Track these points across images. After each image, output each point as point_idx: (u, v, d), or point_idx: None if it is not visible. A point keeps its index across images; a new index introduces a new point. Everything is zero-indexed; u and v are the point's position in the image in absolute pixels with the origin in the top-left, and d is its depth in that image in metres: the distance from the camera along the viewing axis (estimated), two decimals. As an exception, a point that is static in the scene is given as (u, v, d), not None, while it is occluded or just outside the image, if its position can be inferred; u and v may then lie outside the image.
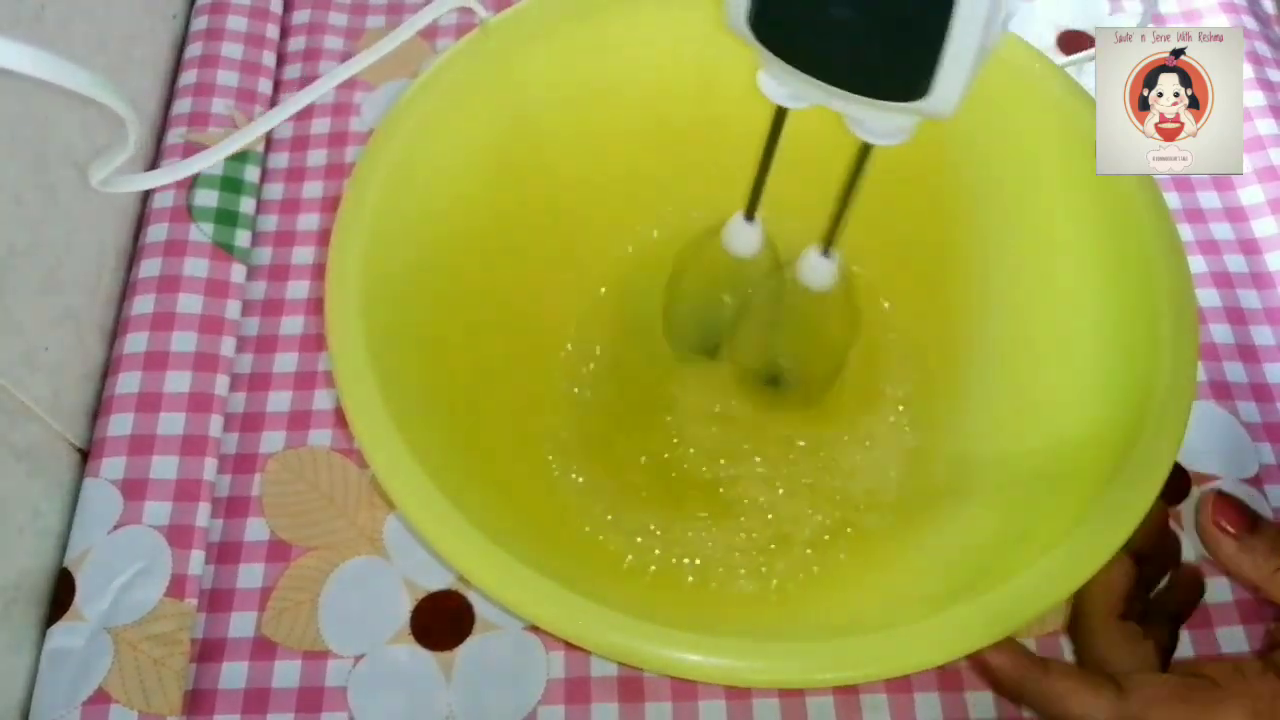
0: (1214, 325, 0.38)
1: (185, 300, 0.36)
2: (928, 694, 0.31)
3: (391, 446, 0.26)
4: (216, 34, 0.43)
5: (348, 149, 0.41)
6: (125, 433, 0.34)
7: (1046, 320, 0.32)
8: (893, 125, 0.25)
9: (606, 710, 0.31)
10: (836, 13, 0.21)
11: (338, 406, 0.36)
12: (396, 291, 0.29)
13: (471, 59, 0.32)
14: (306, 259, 0.39)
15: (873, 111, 0.24)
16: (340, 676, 0.31)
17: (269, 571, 0.33)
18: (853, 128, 0.25)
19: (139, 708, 0.30)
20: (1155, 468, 0.25)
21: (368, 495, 0.34)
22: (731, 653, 0.24)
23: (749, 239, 0.31)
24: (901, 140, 0.25)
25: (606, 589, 0.27)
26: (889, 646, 0.24)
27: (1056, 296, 0.31)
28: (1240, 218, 0.40)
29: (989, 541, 0.28)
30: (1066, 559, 0.24)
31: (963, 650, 0.24)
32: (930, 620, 0.24)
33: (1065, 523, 0.25)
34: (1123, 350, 0.28)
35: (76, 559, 0.32)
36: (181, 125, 0.40)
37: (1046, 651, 0.32)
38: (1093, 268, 0.30)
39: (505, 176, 0.34)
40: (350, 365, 0.27)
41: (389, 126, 0.30)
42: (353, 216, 0.29)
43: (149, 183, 0.33)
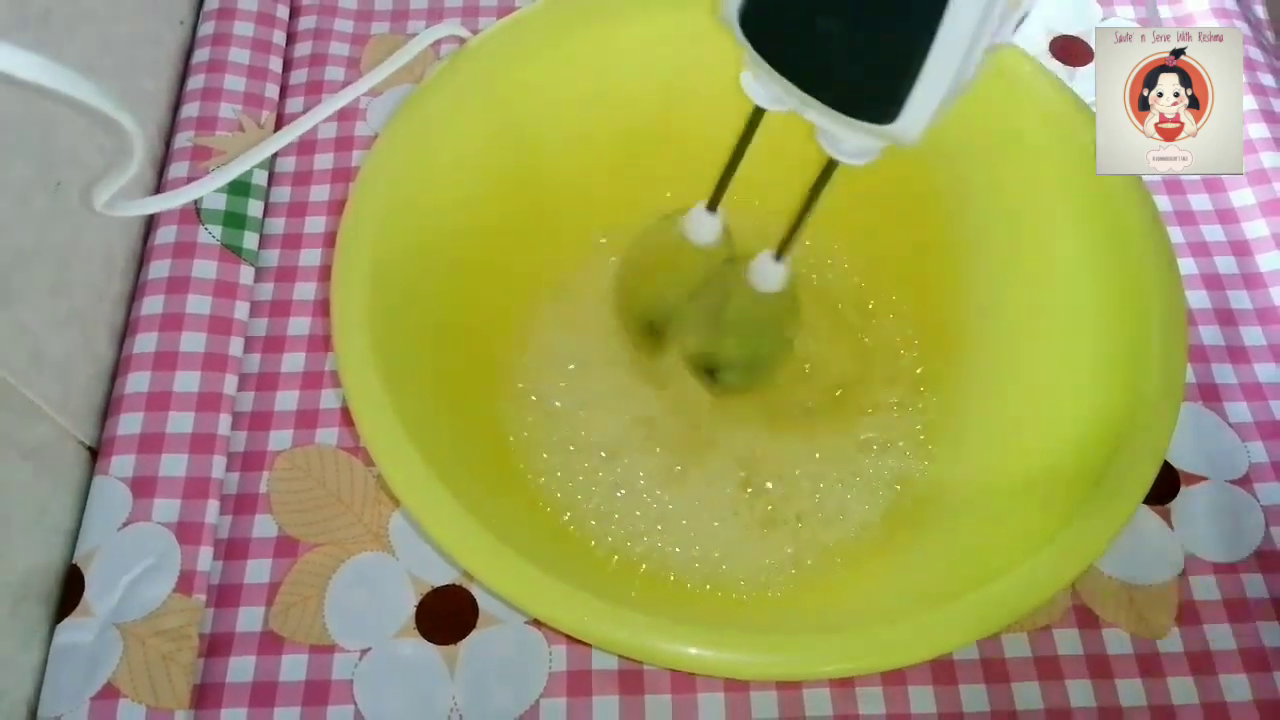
0: (1204, 327, 0.38)
1: (194, 301, 0.37)
2: (922, 687, 0.32)
3: (397, 446, 0.26)
4: (223, 39, 0.43)
5: (354, 153, 0.42)
6: (135, 431, 0.35)
7: (1035, 324, 0.32)
8: (859, 145, 0.25)
9: (607, 702, 0.31)
10: (823, 24, 0.22)
11: (344, 405, 0.36)
12: (400, 293, 0.30)
13: (463, 72, 0.33)
14: (314, 261, 0.40)
15: (842, 128, 0.25)
16: (346, 670, 0.32)
17: (276, 567, 0.34)
18: (822, 141, 0.26)
19: (147, 702, 0.31)
20: (1141, 470, 0.26)
21: (374, 492, 0.35)
22: (732, 646, 0.24)
23: (709, 227, 0.32)
24: (865, 162, 0.25)
25: (603, 585, 0.27)
26: (887, 639, 0.24)
27: (1046, 302, 0.32)
28: (1231, 219, 0.41)
29: (980, 542, 0.29)
30: (1055, 557, 0.25)
31: (957, 644, 0.24)
32: (924, 614, 0.25)
33: (1054, 523, 0.26)
34: (1112, 355, 0.29)
35: (86, 555, 0.33)
36: (189, 129, 0.41)
37: (1039, 646, 0.32)
38: (1083, 271, 0.31)
39: (503, 180, 0.35)
40: (355, 365, 0.27)
41: (390, 135, 0.31)
42: (357, 221, 0.30)
43: (152, 207, 0.33)
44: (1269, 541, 0.34)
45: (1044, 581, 0.25)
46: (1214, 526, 0.34)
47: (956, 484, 0.33)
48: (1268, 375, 0.37)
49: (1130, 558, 0.34)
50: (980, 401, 0.34)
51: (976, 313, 0.35)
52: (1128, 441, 0.26)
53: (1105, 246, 0.30)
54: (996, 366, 0.34)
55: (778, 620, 0.32)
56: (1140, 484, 0.26)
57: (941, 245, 0.36)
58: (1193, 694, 0.32)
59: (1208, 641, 0.32)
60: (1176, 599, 0.33)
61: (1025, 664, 0.32)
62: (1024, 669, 0.32)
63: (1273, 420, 0.36)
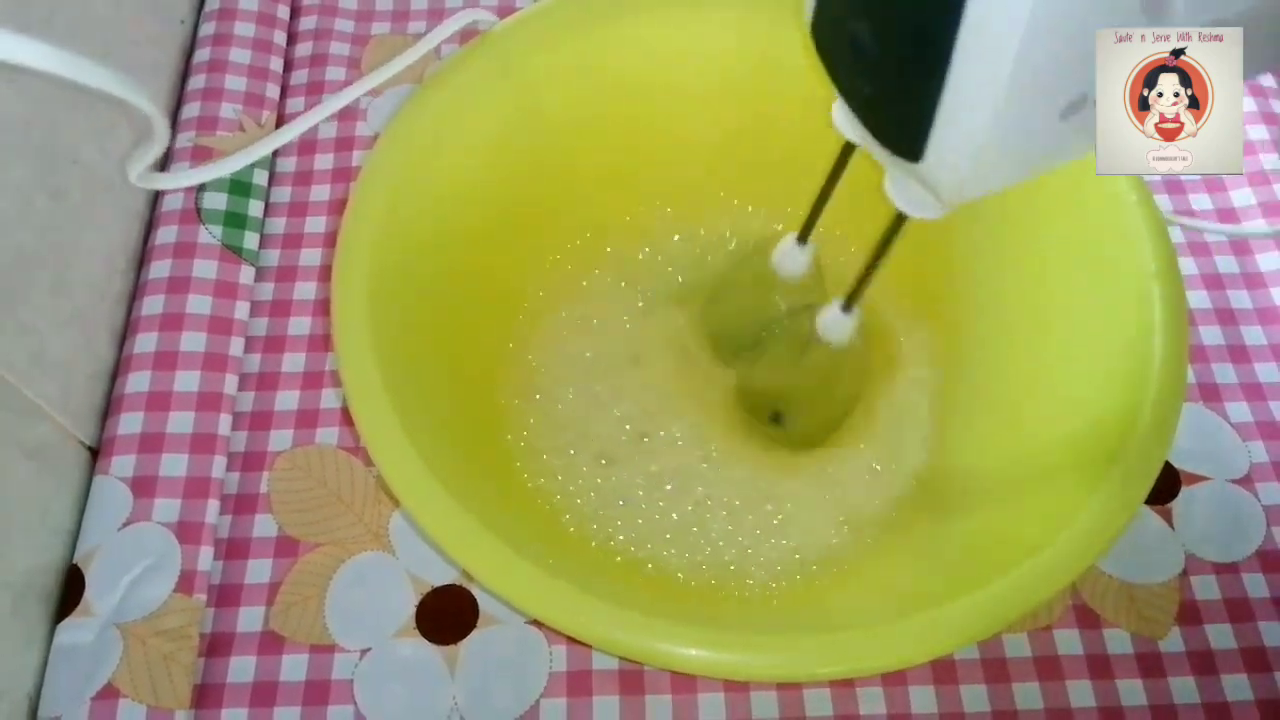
0: (1204, 328, 0.38)
1: (194, 301, 0.37)
2: (923, 687, 0.32)
3: (397, 446, 0.26)
4: (224, 40, 0.43)
5: (354, 153, 0.42)
6: (135, 431, 0.35)
7: (1035, 327, 0.32)
8: (920, 196, 0.23)
9: (608, 702, 0.31)
10: (854, 26, 0.19)
11: (344, 405, 0.36)
12: (401, 293, 0.30)
13: (472, 67, 0.33)
14: (314, 261, 0.40)
15: (903, 173, 0.22)
16: (346, 670, 0.32)
17: (277, 567, 0.34)
18: (889, 187, 0.24)
19: (148, 702, 0.31)
20: (1142, 473, 0.26)
21: (374, 492, 0.35)
22: (734, 647, 0.24)
23: (797, 260, 0.32)
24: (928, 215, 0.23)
25: (603, 585, 0.27)
26: (891, 641, 0.24)
27: (1050, 305, 0.32)
28: (1231, 219, 0.41)
29: (982, 544, 0.29)
30: (1055, 558, 0.25)
31: (957, 645, 0.25)
32: (924, 614, 0.25)
33: (1054, 524, 0.26)
34: (1114, 360, 0.29)
35: (86, 555, 0.33)
36: (190, 129, 0.41)
37: (1040, 646, 0.32)
38: (1084, 272, 0.31)
39: (509, 178, 0.35)
40: (356, 366, 0.27)
41: (392, 134, 0.31)
42: (358, 219, 0.30)
43: (184, 181, 0.34)
44: (1270, 541, 0.34)
45: (1046, 581, 0.25)
46: (1215, 526, 0.34)
47: (961, 490, 0.33)
48: (1268, 375, 0.37)
49: (1131, 558, 0.34)
50: (987, 410, 0.34)
51: (983, 315, 0.35)
52: (1129, 444, 0.26)
53: (1110, 252, 0.30)
54: (998, 370, 0.34)
55: (778, 620, 0.32)
56: (1140, 488, 0.26)
57: (942, 245, 0.36)
58: (1194, 694, 0.32)
59: (1209, 641, 0.32)
60: (1177, 599, 0.33)
61: (1026, 664, 0.32)
62: (1025, 669, 0.32)
63: (1273, 420, 0.36)
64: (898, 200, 0.24)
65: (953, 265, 0.36)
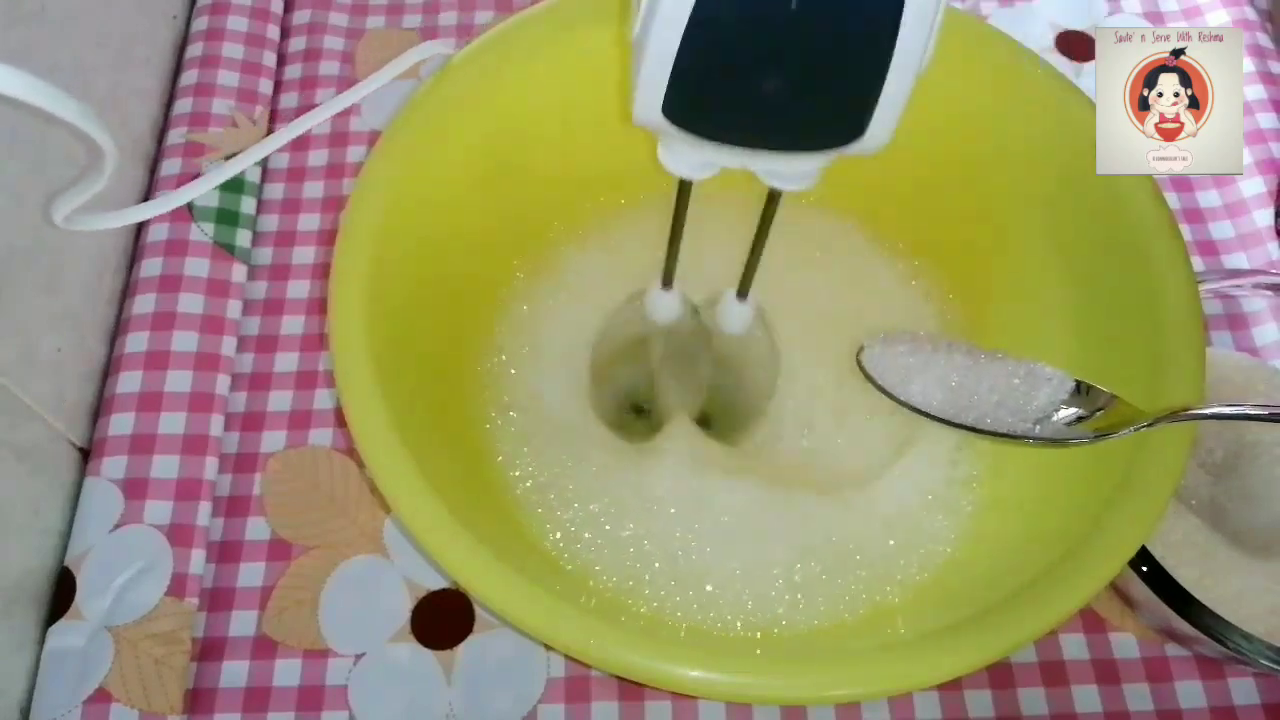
0: (1215, 333, 0.37)
1: (186, 300, 0.37)
2: (927, 693, 0.31)
3: (392, 452, 0.26)
4: (217, 34, 0.43)
5: (348, 149, 0.41)
6: (126, 432, 0.34)
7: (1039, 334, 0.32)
8: (804, 169, 0.24)
9: (606, 709, 0.31)
10: (769, 86, 0.21)
11: (338, 406, 0.36)
12: (400, 294, 0.29)
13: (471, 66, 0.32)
14: (307, 259, 0.39)
15: (788, 163, 0.24)
16: (341, 675, 0.32)
17: (270, 570, 0.33)
18: (765, 179, 0.25)
19: (140, 706, 0.30)
20: (1155, 493, 0.26)
21: (368, 495, 0.34)
22: (738, 669, 0.24)
23: (669, 305, 0.31)
24: (810, 184, 0.25)
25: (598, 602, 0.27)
26: (904, 664, 0.24)
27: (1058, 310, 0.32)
28: (1241, 211, 0.40)
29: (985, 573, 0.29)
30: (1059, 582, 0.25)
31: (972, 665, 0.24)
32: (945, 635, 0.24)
33: (1063, 549, 0.25)
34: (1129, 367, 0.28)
35: (77, 558, 0.32)
36: (183, 125, 0.40)
37: (1045, 652, 0.32)
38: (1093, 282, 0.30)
39: (500, 179, 0.34)
40: (351, 366, 0.27)
41: (392, 135, 0.31)
42: (357, 220, 0.29)
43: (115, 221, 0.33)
44: (1279, 543, 0.34)
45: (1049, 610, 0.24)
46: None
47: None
48: None
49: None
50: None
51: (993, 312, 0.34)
52: (1139, 461, 0.26)
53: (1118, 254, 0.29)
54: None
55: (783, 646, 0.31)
56: (1156, 504, 0.25)
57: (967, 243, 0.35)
58: (1200, 698, 0.31)
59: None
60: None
61: (1031, 669, 0.32)
62: (1030, 674, 0.31)
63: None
64: (776, 184, 0.25)
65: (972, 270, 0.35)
